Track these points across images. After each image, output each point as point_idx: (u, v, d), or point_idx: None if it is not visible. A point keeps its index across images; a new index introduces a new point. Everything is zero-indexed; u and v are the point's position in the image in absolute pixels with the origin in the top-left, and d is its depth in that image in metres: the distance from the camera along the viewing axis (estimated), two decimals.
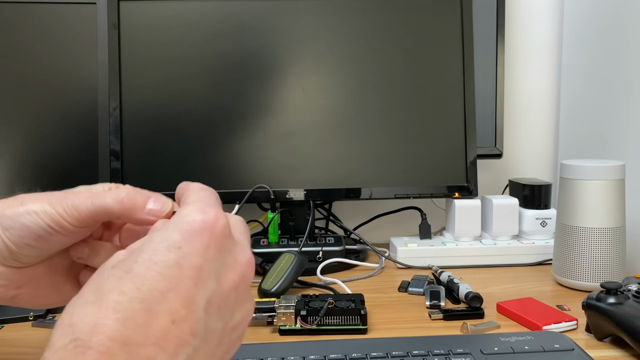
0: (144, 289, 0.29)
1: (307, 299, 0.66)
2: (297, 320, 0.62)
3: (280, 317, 0.62)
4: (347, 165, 0.93)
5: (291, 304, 0.64)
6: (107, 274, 0.30)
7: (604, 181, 0.76)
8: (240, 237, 0.35)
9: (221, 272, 0.32)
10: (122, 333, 0.27)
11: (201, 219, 0.33)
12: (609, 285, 0.60)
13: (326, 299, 0.64)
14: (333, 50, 0.93)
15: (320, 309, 0.62)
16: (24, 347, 0.61)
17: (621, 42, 0.94)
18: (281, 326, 0.63)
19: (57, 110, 0.95)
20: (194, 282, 0.30)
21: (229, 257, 0.33)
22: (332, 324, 0.63)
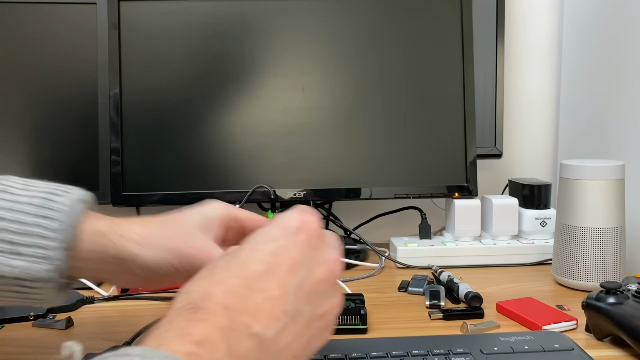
0: (245, 270, 0.36)
1: None
2: None
3: None
4: (347, 165, 0.93)
5: None
6: (220, 259, 0.38)
7: (603, 181, 0.76)
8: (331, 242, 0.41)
9: (312, 265, 0.38)
10: (225, 300, 0.33)
11: (298, 219, 0.39)
12: (609, 285, 0.60)
13: None
14: (333, 50, 0.93)
15: None
16: (24, 347, 0.61)
17: (621, 42, 0.94)
18: None
19: (58, 110, 0.95)
20: (287, 270, 0.36)
21: (320, 254, 0.39)
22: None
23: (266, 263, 0.36)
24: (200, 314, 0.33)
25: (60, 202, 0.49)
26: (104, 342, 0.60)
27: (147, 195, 0.91)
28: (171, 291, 0.79)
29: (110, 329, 0.65)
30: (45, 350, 0.60)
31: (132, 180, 0.91)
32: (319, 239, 0.39)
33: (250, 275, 0.36)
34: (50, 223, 0.47)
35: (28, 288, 0.48)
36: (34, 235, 0.47)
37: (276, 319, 0.35)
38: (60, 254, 0.48)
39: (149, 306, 0.73)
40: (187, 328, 0.31)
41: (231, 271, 0.36)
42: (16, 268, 0.47)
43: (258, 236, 0.39)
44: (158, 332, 0.32)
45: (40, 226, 0.47)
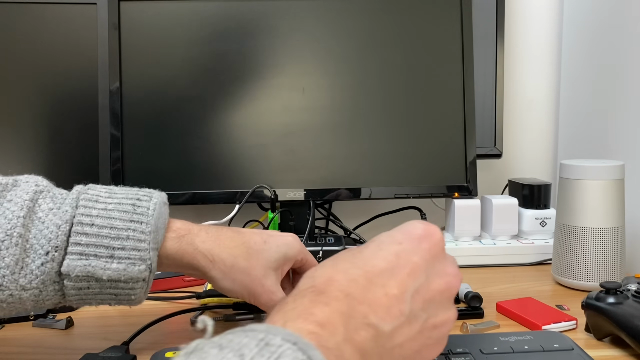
0: (367, 265, 0.38)
1: None
2: None
3: None
4: (347, 165, 0.93)
5: None
6: (344, 253, 0.40)
7: (603, 181, 0.76)
8: (451, 259, 0.42)
9: (431, 274, 0.39)
10: (346, 288, 0.36)
11: (423, 228, 0.41)
12: (609, 285, 0.60)
13: None
14: (333, 50, 0.93)
15: None
16: (24, 347, 0.61)
17: (621, 42, 0.94)
18: None
19: (58, 110, 0.95)
20: (408, 272, 0.38)
21: (440, 265, 0.40)
22: None
23: (389, 262, 0.38)
24: (323, 298, 0.35)
25: (146, 206, 0.53)
26: (104, 342, 0.60)
27: None
28: (171, 291, 0.79)
29: (110, 329, 0.65)
30: (45, 350, 0.60)
31: (132, 180, 0.91)
32: (441, 251, 0.41)
33: (372, 270, 0.37)
34: (142, 227, 0.52)
35: (122, 289, 0.52)
36: (128, 239, 0.51)
37: (392, 315, 0.36)
38: (153, 254, 0.52)
39: (149, 306, 0.73)
40: (311, 309, 0.33)
41: (354, 264, 0.38)
42: (113, 271, 0.50)
43: (382, 237, 0.41)
44: (283, 310, 0.34)
45: (133, 230, 0.51)
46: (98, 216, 0.51)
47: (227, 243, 0.56)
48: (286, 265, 0.59)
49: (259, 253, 0.57)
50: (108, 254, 0.50)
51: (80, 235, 0.50)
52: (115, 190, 0.54)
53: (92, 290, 0.51)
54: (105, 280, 0.51)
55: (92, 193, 0.53)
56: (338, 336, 0.33)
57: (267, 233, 0.60)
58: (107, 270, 0.50)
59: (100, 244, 0.50)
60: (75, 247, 0.50)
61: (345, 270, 0.37)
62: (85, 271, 0.50)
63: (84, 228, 0.50)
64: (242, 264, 0.55)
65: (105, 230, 0.51)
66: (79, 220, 0.51)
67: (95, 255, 0.50)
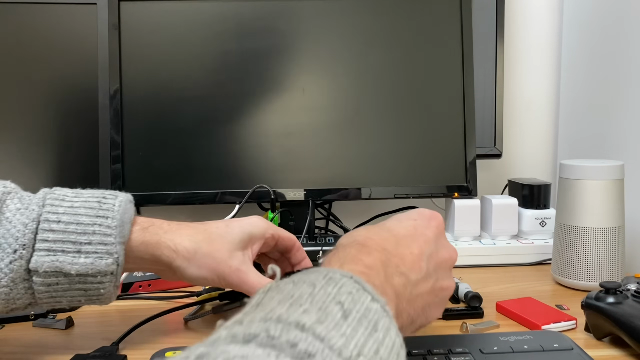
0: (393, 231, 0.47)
1: None
2: None
3: None
4: (347, 165, 0.93)
5: None
6: (369, 225, 0.49)
7: (603, 181, 0.76)
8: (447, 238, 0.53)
9: (439, 245, 0.49)
10: (382, 244, 0.44)
11: (430, 211, 0.51)
12: (608, 284, 0.60)
13: None
14: (333, 50, 0.93)
15: None
16: (24, 347, 0.61)
17: (621, 42, 0.94)
18: None
19: (58, 110, 0.96)
20: (423, 240, 0.47)
21: (444, 241, 0.50)
22: None
23: (409, 231, 0.48)
24: (366, 249, 0.43)
25: (112, 202, 0.55)
26: (104, 342, 0.60)
27: (146, 195, 0.91)
28: (170, 291, 0.79)
29: (110, 329, 0.65)
30: (46, 350, 0.60)
31: (132, 180, 0.91)
32: (443, 230, 0.51)
33: (398, 234, 0.47)
34: (108, 221, 0.53)
35: (91, 284, 0.53)
36: (95, 234, 0.52)
37: (416, 269, 0.45)
38: (119, 248, 0.53)
39: (149, 306, 0.73)
40: (358, 255, 0.42)
41: (383, 229, 0.48)
42: (81, 265, 0.52)
43: (399, 215, 0.51)
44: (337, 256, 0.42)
45: (100, 225, 0.53)
46: (65, 213, 0.53)
47: (188, 231, 0.57)
48: (255, 245, 0.60)
49: (222, 236, 0.57)
50: (75, 248, 0.52)
51: (47, 232, 0.52)
52: (81, 191, 0.56)
53: (62, 286, 0.52)
54: (74, 275, 0.52)
55: (58, 193, 0.55)
56: (381, 277, 0.41)
57: (234, 219, 0.61)
58: (74, 264, 0.52)
59: (67, 240, 0.52)
60: (42, 244, 0.51)
61: (377, 233, 0.46)
62: (54, 266, 0.51)
63: (50, 225, 0.52)
64: (205, 249, 0.56)
65: (72, 226, 0.52)
66: (46, 217, 0.52)
67: (62, 251, 0.52)
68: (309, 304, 0.31)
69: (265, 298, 0.33)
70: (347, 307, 0.32)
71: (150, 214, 1.08)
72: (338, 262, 0.41)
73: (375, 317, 0.33)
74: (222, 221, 0.60)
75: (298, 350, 0.27)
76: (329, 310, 0.31)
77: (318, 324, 0.29)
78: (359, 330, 0.31)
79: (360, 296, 0.34)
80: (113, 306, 0.73)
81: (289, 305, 0.31)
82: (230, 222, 0.60)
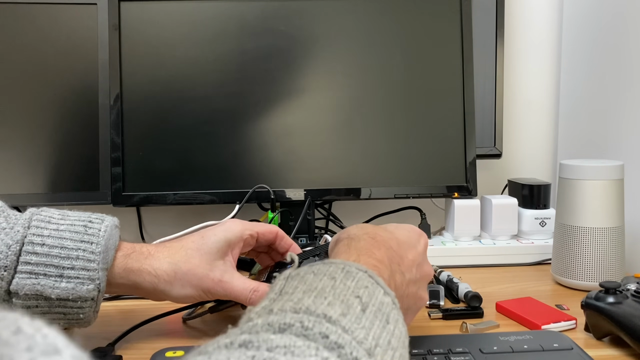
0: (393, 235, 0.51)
1: None
2: None
3: None
4: (347, 165, 0.93)
5: None
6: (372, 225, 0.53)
7: (603, 181, 0.76)
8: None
9: (423, 261, 0.53)
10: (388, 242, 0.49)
11: (419, 229, 0.56)
12: (608, 284, 0.60)
13: None
14: (333, 51, 0.93)
15: None
16: None
17: (621, 42, 0.94)
18: None
19: (58, 110, 0.96)
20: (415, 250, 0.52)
21: (427, 258, 0.54)
22: None
23: (406, 238, 0.52)
24: (376, 243, 0.47)
25: (98, 228, 0.54)
26: (103, 342, 0.60)
27: (147, 195, 0.91)
28: None
29: (110, 329, 0.65)
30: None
31: (132, 180, 0.91)
32: (426, 249, 0.54)
33: (398, 238, 0.51)
34: (91, 247, 0.53)
35: (71, 309, 0.53)
36: (78, 259, 0.52)
37: (411, 272, 0.50)
38: (102, 274, 0.53)
39: (149, 306, 0.73)
40: (371, 249, 0.46)
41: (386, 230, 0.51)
42: (62, 290, 0.52)
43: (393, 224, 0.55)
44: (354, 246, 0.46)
45: (84, 250, 0.53)
46: (49, 236, 0.53)
47: (166, 253, 0.57)
48: (235, 249, 0.60)
49: (198, 250, 0.58)
50: (57, 273, 0.52)
51: (31, 254, 0.52)
52: (68, 213, 0.56)
53: (41, 309, 0.53)
54: (54, 299, 0.52)
55: (45, 214, 0.55)
56: (388, 271, 0.45)
57: (207, 228, 0.61)
58: (55, 289, 0.52)
59: (50, 263, 0.52)
60: (24, 267, 0.51)
61: (384, 232, 0.51)
62: (34, 290, 0.51)
63: (34, 247, 0.52)
64: (183, 268, 0.57)
65: (56, 250, 0.52)
66: (30, 240, 0.52)
67: (44, 274, 0.52)
68: (332, 296, 0.34)
69: (287, 286, 0.36)
70: (365, 301, 0.35)
71: (151, 214, 1.08)
72: (356, 253, 0.45)
73: (387, 310, 0.36)
74: (197, 233, 0.60)
75: (330, 341, 0.30)
76: (349, 303, 0.34)
77: (343, 317, 0.32)
78: (375, 323, 0.34)
79: (374, 290, 0.37)
80: (113, 306, 0.73)
81: (314, 297, 0.34)
82: (204, 232, 0.60)
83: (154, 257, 0.57)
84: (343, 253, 0.46)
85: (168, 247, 0.58)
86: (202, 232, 0.60)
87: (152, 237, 1.08)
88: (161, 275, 0.56)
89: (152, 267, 0.56)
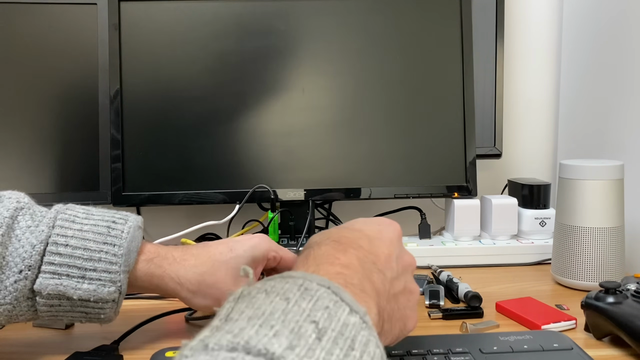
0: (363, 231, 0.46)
1: None
2: None
3: None
4: (347, 165, 0.93)
5: None
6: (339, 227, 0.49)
7: (602, 181, 0.76)
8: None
9: (401, 250, 0.49)
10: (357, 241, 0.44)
11: (389, 219, 0.51)
12: (608, 284, 0.60)
13: None
14: (333, 50, 0.93)
15: None
16: (24, 347, 0.61)
17: (620, 42, 0.94)
18: None
19: (58, 110, 0.96)
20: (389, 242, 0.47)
21: (403, 247, 0.50)
22: None
23: (376, 232, 0.47)
24: (341, 246, 0.42)
25: (122, 229, 0.55)
26: (103, 342, 0.60)
27: (147, 195, 0.91)
28: None
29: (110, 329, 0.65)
30: (45, 349, 0.60)
31: (132, 180, 0.91)
32: (402, 236, 0.50)
33: (369, 234, 0.46)
34: (113, 249, 0.53)
35: (92, 309, 0.54)
36: (100, 261, 0.53)
37: (390, 267, 0.45)
38: (123, 277, 0.53)
39: (149, 305, 0.73)
40: (335, 254, 0.41)
41: (354, 230, 0.47)
42: (84, 291, 0.52)
43: (360, 219, 0.50)
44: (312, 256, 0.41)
45: (106, 252, 0.53)
46: (73, 237, 0.53)
47: (192, 262, 0.57)
48: (258, 267, 0.59)
49: (226, 263, 0.57)
50: (80, 274, 0.52)
51: (54, 255, 0.52)
52: (92, 212, 0.56)
53: (63, 307, 0.53)
54: (76, 299, 0.53)
55: (69, 213, 0.55)
56: (359, 274, 0.40)
57: (234, 240, 0.60)
58: (78, 290, 0.52)
59: (73, 265, 0.52)
60: (48, 267, 0.52)
61: (350, 232, 0.46)
62: (57, 290, 0.52)
63: (58, 248, 0.52)
64: (209, 280, 0.56)
65: (79, 251, 0.53)
66: (54, 240, 0.52)
67: (67, 275, 0.52)
68: (281, 324, 0.29)
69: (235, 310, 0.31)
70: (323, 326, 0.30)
71: (151, 214, 1.08)
72: (314, 262, 0.40)
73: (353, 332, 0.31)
74: (226, 244, 0.59)
75: None
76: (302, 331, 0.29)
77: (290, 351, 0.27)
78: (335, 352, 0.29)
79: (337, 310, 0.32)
80: None
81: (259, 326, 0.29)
82: (233, 245, 0.59)
83: (180, 264, 0.57)
84: (302, 264, 0.41)
85: (195, 256, 0.58)
86: (231, 245, 0.59)
87: (152, 237, 1.08)
88: (185, 284, 0.56)
89: (176, 274, 0.56)
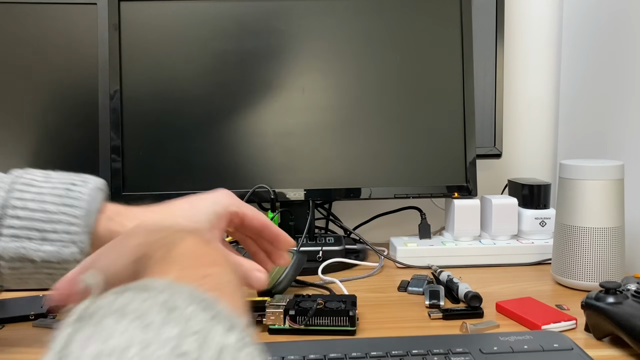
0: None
1: (299, 298, 0.66)
2: (286, 320, 0.63)
3: (269, 316, 0.63)
4: (347, 165, 0.93)
5: (281, 303, 0.64)
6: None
7: (603, 181, 0.76)
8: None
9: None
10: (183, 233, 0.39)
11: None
12: (608, 284, 0.60)
13: (316, 299, 0.64)
14: (333, 50, 0.93)
15: (309, 309, 0.62)
16: (24, 347, 0.61)
17: (620, 42, 0.94)
18: (270, 325, 0.63)
19: (59, 110, 0.95)
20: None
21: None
22: (321, 324, 0.63)
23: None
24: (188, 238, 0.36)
25: (80, 190, 0.54)
26: None
27: (147, 195, 0.91)
28: None
29: None
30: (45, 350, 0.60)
31: (132, 180, 0.91)
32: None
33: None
34: (73, 210, 0.53)
35: (56, 270, 0.53)
36: (60, 222, 0.52)
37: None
38: (85, 237, 0.53)
39: None
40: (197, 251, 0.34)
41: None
42: (46, 253, 0.52)
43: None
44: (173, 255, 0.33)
45: (65, 214, 0.52)
46: (32, 200, 0.53)
47: (154, 217, 0.56)
48: (221, 222, 0.58)
49: (188, 219, 0.56)
50: (40, 236, 0.52)
51: (13, 218, 0.52)
52: (52, 175, 0.56)
53: (27, 270, 0.53)
54: (39, 261, 0.52)
55: (28, 177, 0.55)
56: (228, 270, 0.33)
57: (196, 196, 0.59)
58: (39, 252, 0.52)
59: (33, 227, 0.52)
60: (8, 230, 0.52)
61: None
62: (19, 252, 0.52)
63: (16, 212, 0.52)
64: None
65: (38, 213, 0.52)
66: (13, 204, 0.52)
67: (28, 238, 0.52)
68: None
69: (75, 339, 0.24)
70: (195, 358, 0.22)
71: None
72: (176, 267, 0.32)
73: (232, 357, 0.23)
74: (187, 201, 0.58)
75: None
76: None
77: None
78: None
79: (210, 331, 0.24)
80: None
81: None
82: (194, 201, 0.58)
83: (141, 221, 0.55)
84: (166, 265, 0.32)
85: (156, 212, 0.57)
86: (191, 201, 0.58)
87: None
88: None
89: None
